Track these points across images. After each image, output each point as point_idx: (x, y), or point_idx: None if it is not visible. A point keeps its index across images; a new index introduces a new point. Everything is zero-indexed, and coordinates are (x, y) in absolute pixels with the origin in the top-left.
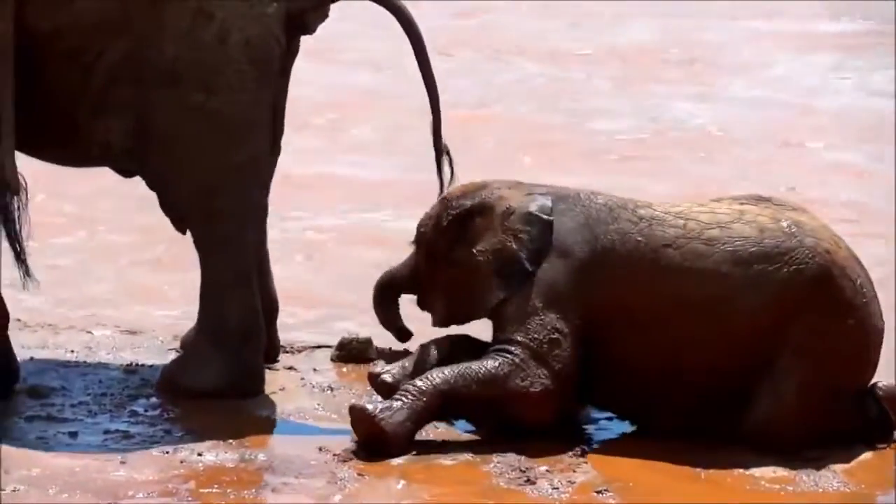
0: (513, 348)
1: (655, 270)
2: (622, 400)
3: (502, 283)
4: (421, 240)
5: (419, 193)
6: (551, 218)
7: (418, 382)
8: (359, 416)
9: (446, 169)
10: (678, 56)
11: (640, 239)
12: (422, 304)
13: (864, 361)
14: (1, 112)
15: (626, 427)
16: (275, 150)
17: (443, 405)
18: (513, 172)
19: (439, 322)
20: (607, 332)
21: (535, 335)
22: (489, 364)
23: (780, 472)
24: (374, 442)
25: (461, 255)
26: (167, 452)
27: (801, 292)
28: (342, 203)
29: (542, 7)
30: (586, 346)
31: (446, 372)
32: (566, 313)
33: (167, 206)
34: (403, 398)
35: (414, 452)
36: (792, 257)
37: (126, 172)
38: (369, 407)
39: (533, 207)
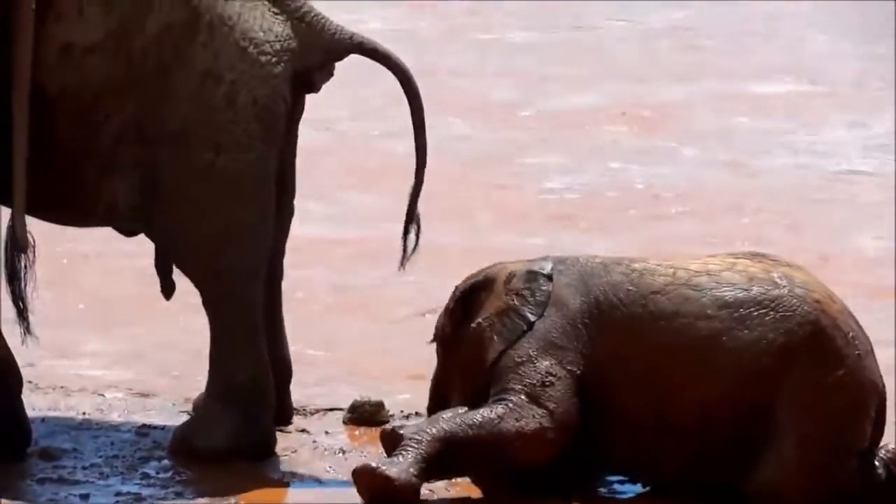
0: (508, 395)
1: (645, 316)
2: (623, 452)
3: (502, 338)
4: (436, 335)
5: None
6: (551, 273)
7: (418, 432)
8: (361, 471)
9: (411, 237)
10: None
11: (630, 288)
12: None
13: (861, 416)
14: (15, 170)
15: (638, 490)
16: (288, 210)
17: (443, 451)
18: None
19: (458, 404)
20: (603, 380)
21: (529, 380)
22: (485, 410)
23: None
24: (380, 495)
25: (467, 331)
26: None
27: (789, 339)
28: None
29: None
30: (585, 396)
31: (446, 419)
32: (561, 361)
33: (176, 262)
34: (404, 449)
35: None
36: (780, 304)
37: (129, 232)
38: (372, 463)
39: (534, 267)
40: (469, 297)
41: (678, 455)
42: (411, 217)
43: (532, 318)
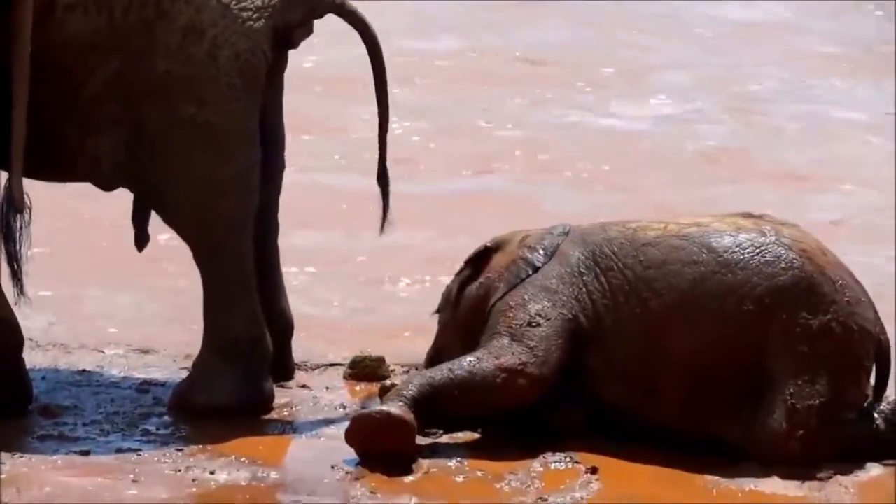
0: (493, 339)
1: (636, 266)
2: (615, 396)
3: (506, 283)
4: (442, 303)
5: None
6: (567, 231)
7: (406, 382)
8: (354, 421)
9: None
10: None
11: (623, 241)
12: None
13: (853, 364)
14: (14, 132)
15: (637, 443)
16: (278, 164)
17: (431, 398)
18: None
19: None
20: (597, 325)
21: (516, 322)
22: (469, 355)
23: (792, 488)
24: (377, 436)
25: (474, 287)
26: (179, 471)
27: (773, 284)
28: None
29: None
30: (578, 340)
31: (433, 368)
32: (554, 303)
33: (163, 217)
34: (392, 397)
35: (425, 471)
36: (765, 250)
37: (108, 187)
38: (366, 410)
39: (544, 236)
40: (481, 258)
41: (670, 400)
42: (383, 176)
43: (538, 263)
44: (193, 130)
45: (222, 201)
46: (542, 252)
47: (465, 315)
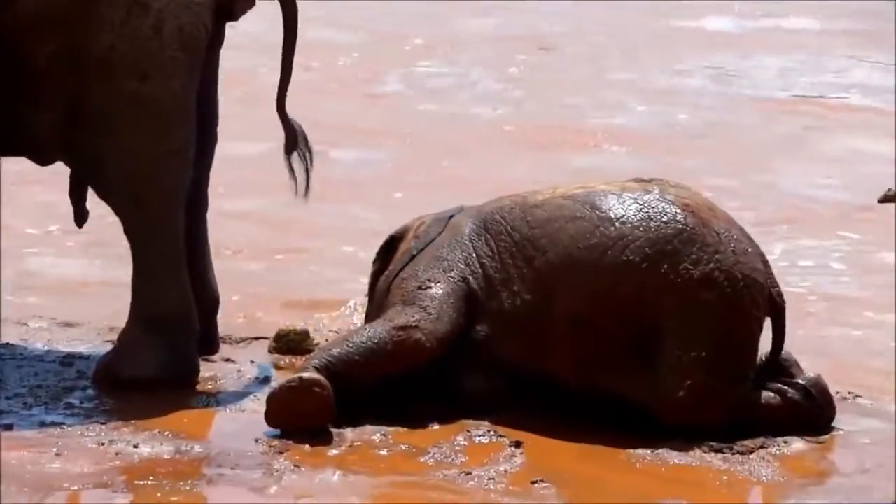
0: (388, 310)
1: (523, 227)
2: (510, 355)
3: (401, 263)
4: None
5: None
6: (451, 216)
7: (313, 355)
8: (270, 398)
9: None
10: None
11: (513, 207)
12: None
13: (738, 314)
14: None
15: (560, 417)
16: (211, 139)
17: (336, 366)
18: None
19: None
20: (489, 288)
21: (409, 288)
22: (367, 325)
23: (715, 462)
24: (293, 403)
25: (381, 281)
26: (102, 444)
27: (654, 236)
28: None
29: None
30: (471, 303)
31: (332, 342)
32: (445, 269)
33: (98, 191)
34: (301, 367)
35: (349, 444)
36: (648, 205)
37: (45, 162)
38: (282, 382)
39: (437, 215)
40: (388, 249)
41: (561, 356)
42: (290, 135)
43: (430, 238)
44: (136, 105)
45: (160, 175)
46: (434, 228)
47: (377, 306)
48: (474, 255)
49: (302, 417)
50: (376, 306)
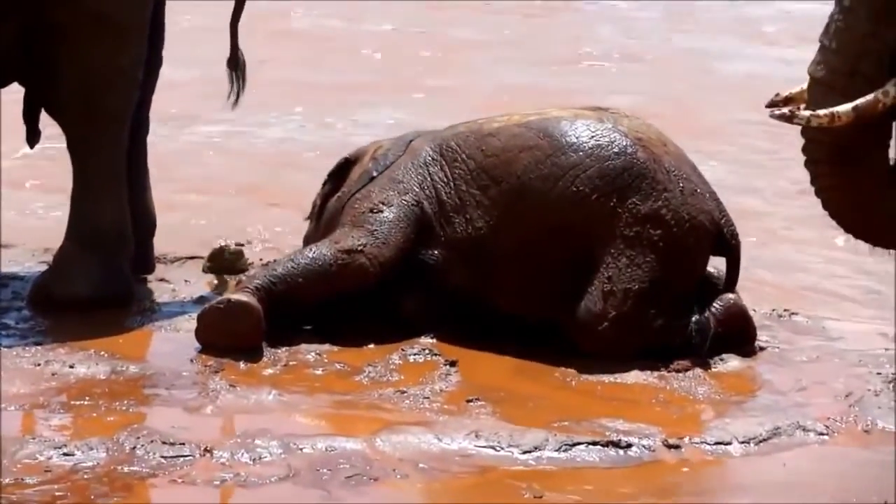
0: (337, 230)
1: (477, 155)
2: (460, 280)
3: (357, 185)
4: (311, 212)
5: None
6: (410, 140)
7: (253, 274)
8: (201, 315)
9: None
10: None
11: (469, 134)
12: None
13: (681, 253)
14: None
15: (496, 336)
16: (158, 61)
17: (276, 289)
18: None
19: None
20: (441, 213)
21: (359, 211)
22: (313, 244)
23: (651, 379)
24: (223, 322)
25: (331, 202)
26: (39, 365)
27: (603, 167)
28: None
29: None
30: (423, 229)
31: (277, 261)
32: (399, 192)
33: (48, 108)
34: (240, 286)
35: (284, 363)
36: (599, 135)
37: (2, 83)
38: (214, 301)
39: (396, 139)
40: (341, 172)
41: (508, 284)
42: (235, 49)
43: (389, 161)
44: (94, 23)
45: (111, 93)
46: (393, 151)
47: (325, 227)
48: (429, 180)
49: (231, 337)
50: (324, 227)
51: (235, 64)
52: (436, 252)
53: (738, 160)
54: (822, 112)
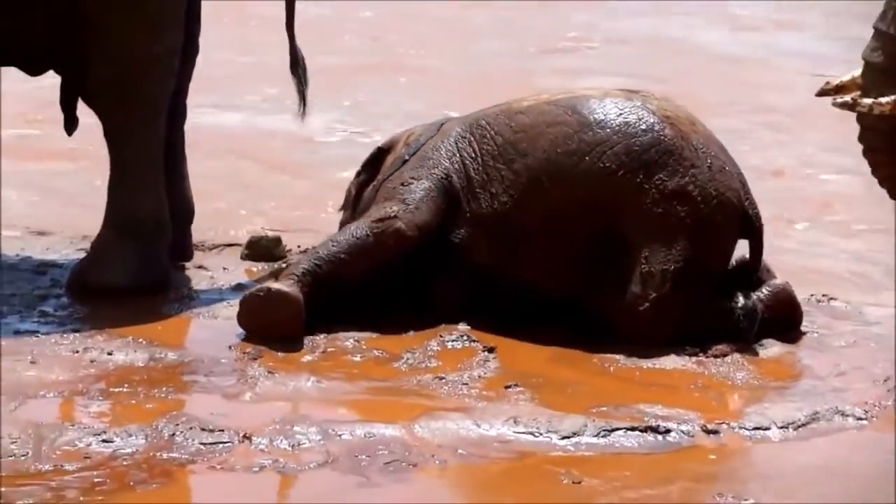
0: (373, 208)
1: (506, 131)
2: (485, 257)
3: (391, 169)
4: (345, 201)
5: None
6: (441, 124)
7: (297, 259)
8: (244, 299)
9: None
10: None
11: (499, 113)
12: None
13: (710, 230)
14: None
15: (533, 323)
16: (195, 49)
17: (321, 269)
18: None
19: None
20: (469, 188)
21: (391, 186)
22: (351, 224)
23: (690, 365)
24: (265, 310)
25: (368, 191)
26: (77, 352)
27: (630, 143)
28: None
29: None
30: (452, 203)
31: (318, 245)
32: (429, 169)
33: (84, 95)
34: (284, 275)
35: (323, 350)
36: (627, 113)
37: (38, 71)
38: (255, 288)
39: (428, 125)
40: (376, 160)
41: (534, 259)
42: (294, 51)
43: (406, 157)
44: (128, 9)
45: (146, 81)
46: (425, 135)
47: (362, 214)
48: (458, 155)
49: (271, 326)
50: (360, 214)
51: (296, 66)
52: (462, 230)
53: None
54: (884, 100)
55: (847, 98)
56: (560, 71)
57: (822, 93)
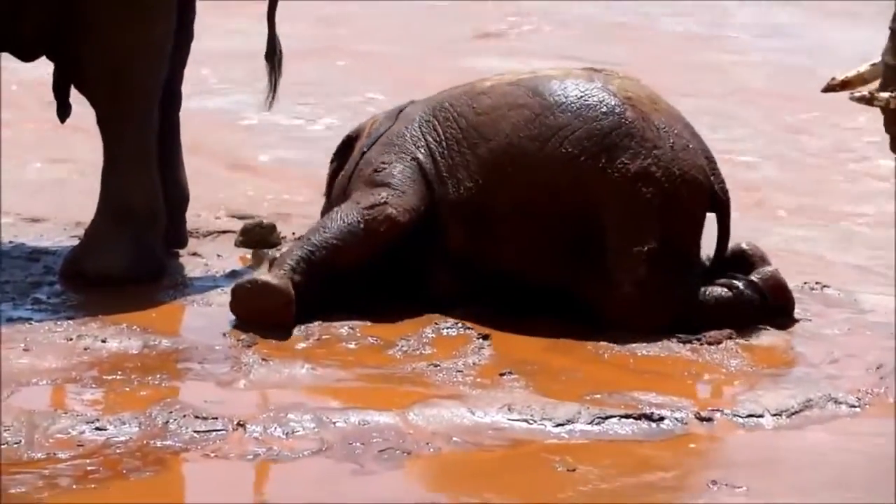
0: (353, 193)
1: (469, 113)
2: (459, 243)
3: (357, 156)
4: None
5: None
6: (402, 109)
7: (289, 248)
8: (237, 288)
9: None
10: None
11: (461, 94)
12: None
13: (680, 211)
14: None
15: (527, 310)
16: (189, 35)
17: (315, 255)
18: None
19: None
20: (437, 174)
21: (366, 172)
22: (335, 210)
23: (683, 352)
24: (257, 302)
25: (339, 179)
26: (70, 339)
27: (592, 126)
28: None
29: None
30: (423, 188)
31: (308, 231)
32: (397, 153)
33: (77, 83)
34: (276, 265)
35: (317, 337)
36: (588, 95)
37: (28, 58)
38: (246, 278)
39: (389, 111)
40: (345, 148)
41: (509, 247)
42: (272, 41)
43: (382, 130)
44: None
45: (137, 69)
46: (384, 123)
47: (336, 202)
48: (422, 140)
49: (261, 316)
50: (335, 202)
51: (273, 56)
52: (439, 215)
53: None
54: None
55: (864, 92)
56: (496, 53)
57: (829, 88)
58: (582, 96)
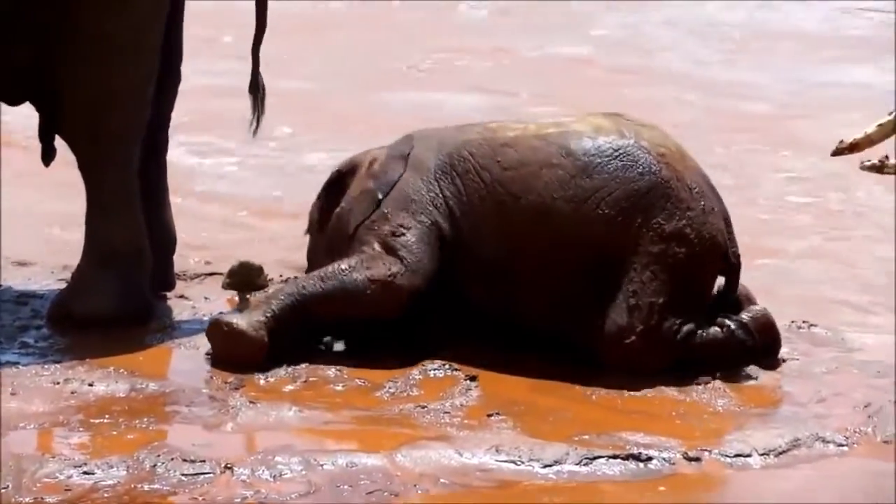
0: (363, 247)
1: (493, 167)
2: (479, 299)
3: (358, 216)
4: (309, 224)
5: None
6: (409, 151)
7: (274, 291)
8: (213, 324)
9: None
10: None
11: (482, 142)
12: None
13: (701, 270)
14: None
15: (515, 350)
16: (175, 79)
17: (298, 306)
18: None
19: None
20: (457, 229)
21: (382, 232)
22: (339, 262)
23: (671, 392)
24: (228, 345)
25: (334, 215)
26: (58, 383)
27: (629, 188)
28: None
29: None
30: (441, 245)
31: (304, 276)
32: (413, 213)
33: (57, 127)
34: (257, 306)
35: (304, 380)
36: (623, 153)
37: (15, 101)
38: (224, 316)
39: (394, 151)
40: (336, 184)
41: (532, 302)
42: (256, 74)
43: (380, 196)
44: (96, 44)
45: (116, 114)
46: (394, 167)
47: (329, 241)
48: (441, 196)
49: (230, 358)
50: (328, 243)
51: (256, 89)
52: (455, 270)
53: None
54: None
55: (875, 161)
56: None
57: (838, 152)
58: (617, 156)
